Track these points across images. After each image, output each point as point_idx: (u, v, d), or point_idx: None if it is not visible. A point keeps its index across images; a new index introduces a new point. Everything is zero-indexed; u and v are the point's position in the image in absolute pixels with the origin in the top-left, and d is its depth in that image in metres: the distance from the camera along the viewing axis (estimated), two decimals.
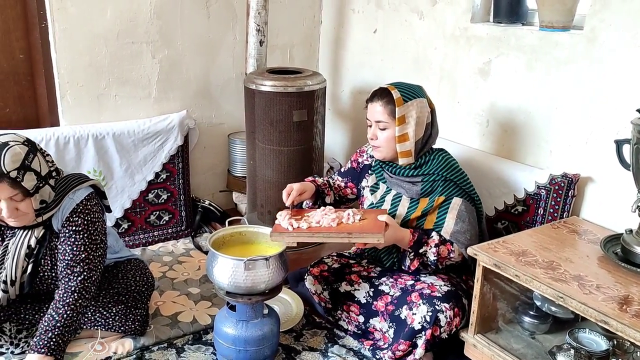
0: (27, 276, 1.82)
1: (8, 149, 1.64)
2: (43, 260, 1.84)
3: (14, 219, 1.70)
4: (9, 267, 1.79)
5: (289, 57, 3.22)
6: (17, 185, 1.63)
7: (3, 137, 1.69)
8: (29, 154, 1.68)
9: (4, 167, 1.61)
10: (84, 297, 1.80)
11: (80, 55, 2.57)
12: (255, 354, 1.90)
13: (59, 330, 1.73)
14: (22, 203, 1.68)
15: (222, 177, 3.21)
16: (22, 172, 1.64)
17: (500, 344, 1.84)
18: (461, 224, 1.95)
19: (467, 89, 2.47)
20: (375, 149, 2.09)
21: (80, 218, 1.81)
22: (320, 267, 2.23)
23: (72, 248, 1.79)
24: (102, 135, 2.61)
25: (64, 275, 1.79)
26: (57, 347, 1.72)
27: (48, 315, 1.74)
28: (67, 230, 1.80)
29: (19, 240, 1.79)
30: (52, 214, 1.79)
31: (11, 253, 1.79)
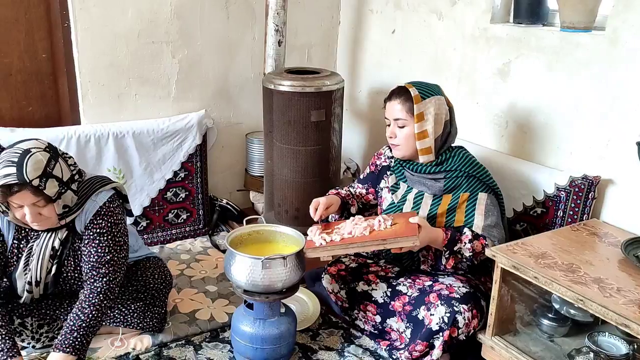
0: (51, 277, 1.85)
1: (30, 156, 1.65)
2: (66, 261, 1.86)
3: (37, 224, 1.72)
4: (34, 269, 1.81)
5: (307, 58, 3.23)
6: (39, 193, 1.65)
7: (25, 143, 1.71)
8: (51, 161, 1.70)
9: (27, 175, 1.62)
10: (108, 297, 1.82)
11: (101, 54, 2.60)
12: (272, 352, 1.91)
13: (83, 330, 1.75)
14: (45, 208, 1.70)
15: (239, 177, 3.23)
16: (44, 180, 1.66)
17: (519, 346, 1.83)
18: (490, 218, 1.96)
19: (486, 90, 2.46)
20: (394, 148, 2.09)
21: (104, 220, 1.83)
22: (338, 266, 2.23)
23: (96, 250, 1.82)
24: (122, 133, 2.64)
25: (89, 277, 1.81)
26: (81, 346, 1.75)
27: (73, 315, 1.76)
28: (91, 233, 1.82)
29: (43, 242, 1.81)
30: (75, 216, 1.82)
31: (36, 254, 1.81)
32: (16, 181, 1.61)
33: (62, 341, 1.73)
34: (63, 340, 1.73)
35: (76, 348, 1.73)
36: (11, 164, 1.63)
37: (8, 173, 1.61)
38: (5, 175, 1.61)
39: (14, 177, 1.61)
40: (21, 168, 1.62)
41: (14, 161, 1.63)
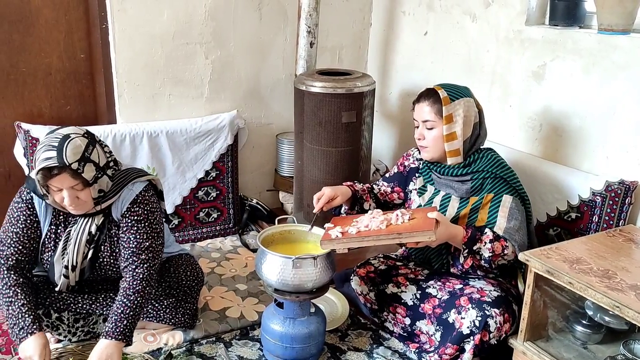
0: (88, 262, 1.90)
1: (69, 141, 1.71)
2: (103, 246, 1.91)
3: (74, 207, 1.77)
4: (71, 253, 1.87)
5: (337, 59, 3.24)
6: (77, 176, 1.71)
7: (64, 129, 1.77)
8: (89, 146, 1.75)
9: (66, 158, 1.68)
10: (150, 284, 1.87)
11: (137, 55, 2.66)
12: (301, 352, 1.92)
13: (131, 317, 1.80)
14: (82, 192, 1.76)
15: (269, 177, 3.26)
16: (83, 164, 1.72)
17: (551, 352, 1.81)
18: (514, 221, 1.93)
19: (519, 93, 2.43)
20: (422, 149, 2.09)
21: (141, 208, 1.88)
22: (367, 268, 2.24)
23: (135, 237, 1.87)
24: (156, 133, 2.69)
25: (130, 263, 1.86)
26: (130, 333, 1.80)
27: (119, 303, 1.81)
28: (128, 220, 1.87)
29: (81, 227, 1.87)
30: (111, 203, 1.87)
31: (73, 239, 1.87)
32: (56, 164, 1.67)
33: (112, 329, 1.77)
34: (113, 328, 1.77)
35: (125, 335, 1.78)
36: (52, 148, 1.69)
37: (49, 156, 1.67)
38: (47, 159, 1.67)
39: (55, 161, 1.67)
40: (61, 152, 1.68)
41: (54, 145, 1.69)
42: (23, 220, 1.85)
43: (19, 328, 1.75)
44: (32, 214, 1.86)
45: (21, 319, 1.75)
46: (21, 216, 1.85)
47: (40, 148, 1.71)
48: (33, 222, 1.86)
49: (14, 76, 2.57)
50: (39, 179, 1.71)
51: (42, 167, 1.67)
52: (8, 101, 2.59)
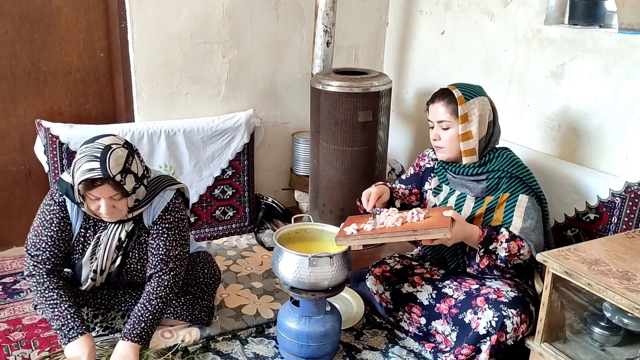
0: (116, 267, 1.92)
1: (112, 152, 1.72)
2: (131, 252, 1.93)
3: (109, 216, 1.79)
4: (100, 258, 1.89)
5: (354, 59, 3.24)
6: (118, 187, 1.73)
7: (105, 139, 1.78)
8: (129, 157, 1.77)
9: (110, 170, 1.70)
10: (173, 291, 1.90)
11: (155, 54, 2.68)
12: (317, 350, 1.93)
13: (150, 322, 1.83)
14: (120, 202, 1.77)
15: (284, 176, 3.27)
16: (124, 175, 1.73)
17: (568, 353, 1.79)
18: (530, 221, 1.92)
19: (538, 93, 2.41)
20: (438, 150, 2.08)
21: (172, 216, 1.91)
22: (382, 267, 2.23)
23: (165, 244, 1.89)
24: (174, 131, 2.71)
25: (157, 270, 1.88)
26: (147, 336, 1.83)
27: (141, 307, 1.83)
28: (159, 227, 1.89)
29: (111, 233, 1.89)
30: (142, 210, 1.89)
31: (103, 244, 1.88)
32: (100, 176, 1.68)
33: (130, 332, 1.80)
34: (131, 330, 1.80)
35: (143, 338, 1.81)
36: (94, 159, 1.70)
37: (92, 167, 1.69)
38: (90, 170, 1.69)
39: (99, 172, 1.68)
40: (104, 163, 1.69)
41: (97, 156, 1.70)
42: (57, 223, 1.86)
43: (69, 328, 1.77)
44: (65, 217, 1.86)
45: (70, 319, 1.78)
46: (54, 219, 1.86)
47: (82, 157, 1.72)
48: (66, 225, 1.87)
49: (35, 75, 2.61)
50: (79, 188, 1.72)
51: (86, 178, 1.68)
52: (29, 99, 2.63)
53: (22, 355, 1.97)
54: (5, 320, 2.16)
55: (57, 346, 2.00)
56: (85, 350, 1.75)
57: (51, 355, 1.88)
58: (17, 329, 2.11)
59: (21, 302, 2.29)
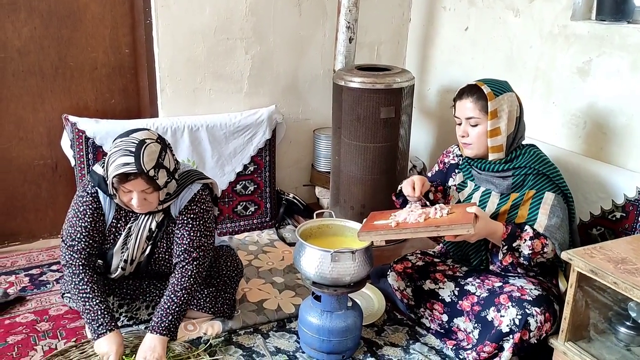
0: (145, 257, 1.96)
1: (146, 147, 1.76)
2: (160, 242, 1.97)
3: (141, 208, 1.83)
4: (132, 248, 1.93)
5: (376, 55, 3.23)
6: (151, 181, 1.76)
7: (139, 133, 1.81)
8: (162, 152, 1.81)
9: (144, 165, 1.73)
10: (197, 281, 1.92)
11: (179, 50, 2.70)
12: (338, 345, 1.94)
13: (177, 314, 1.86)
14: (151, 195, 1.81)
15: (305, 172, 3.28)
16: (157, 170, 1.77)
17: (593, 353, 1.77)
18: (555, 219, 1.90)
19: (563, 90, 2.38)
20: (466, 147, 2.06)
21: (197, 206, 1.93)
22: (404, 264, 2.23)
23: (189, 234, 1.92)
24: (197, 127, 2.74)
25: (181, 260, 1.91)
26: (175, 328, 1.87)
27: (167, 299, 1.86)
28: (185, 218, 1.92)
29: (142, 223, 1.93)
30: (172, 202, 1.92)
31: (134, 235, 1.92)
32: (135, 170, 1.72)
33: (158, 324, 1.83)
34: (159, 323, 1.83)
35: (170, 330, 1.84)
36: (129, 153, 1.73)
37: (127, 162, 1.72)
38: (124, 164, 1.72)
39: (133, 167, 1.72)
40: (139, 158, 1.73)
41: (131, 151, 1.74)
42: (90, 214, 1.89)
43: (98, 324, 1.80)
44: (98, 207, 1.91)
45: (100, 315, 1.82)
46: (88, 210, 1.89)
47: (116, 151, 1.76)
48: (99, 215, 1.91)
49: (62, 70, 2.65)
50: (114, 182, 1.76)
51: (121, 172, 1.72)
52: (56, 94, 2.67)
53: (49, 345, 2.01)
54: (32, 310, 2.21)
55: (82, 337, 2.04)
56: (114, 348, 1.78)
57: (77, 345, 1.91)
58: (44, 320, 2.15)
59: (47, 294, 2.33)
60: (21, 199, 2.75)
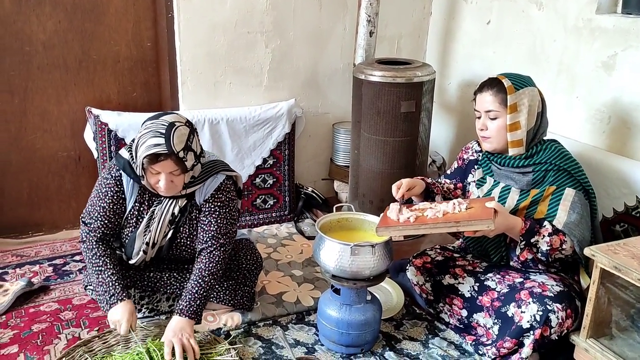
0: (167, 241, 1.99)
1: (175, 129, 1.79)
2: (182, 227, 2.00)
3: (167, 190, 1.87)
4: (154, 231, 1.96)
5: (396, 49, 3.21)
6: (180, 163, 1.80)
7: (168, 116, 1.85)
8: (190, 135, 1.84)
9: (174, 146, 1.77)
10: (222, 267, 1.96)
11: (200, 44, 2.72)
12: (357, 338, 1.94)
13: (204, 298, 1.90)
14: (178, 177, 1.85)
15: (324, 166, 3.28)
16: (186, 152, 1.81)
17: (615, 350, 1.75)
18: (575, 215, 1.88)
19: (587, 84, 2.35)
20: (484, 140, 2.05)
21: (224, 195, 1.97)
22: (423, 258, 2.23)
23: (217, 221, 1.95)
24: (217, 120, 2.75)
25: (208, 246, 1.95)
26: (200, 312, 1.91)
27: (194, 283, 1.90)
28: (212, 205, 1.96)
29: (165, 207, 1.96)
30: (196, 189, 1.96)
31: (157, 218, 1.96)
32: (165, 151, 1.76)
33: (186, 308, 1.86)
34: (187, 307, 1.87)
35: (197, 314, 1.89)
36: (159, 134, 1.77)
37: (158, 143, 1.76)
38: (155, 145, 1.76)
39: (164, 148, 1.76)
40: (169, 139, 1.76)
41: (162, 132, 1.77)
42: (110, 196, 1.94)
43: (110, 295, 1.86)
44: (119, 191, 1.95)
45: (112, 286, 1.87)
46: (109, 192, 1.95)
47: (146, 133, 1.79)
48: (119, 199, 1.96)
49: (86, 63, 2.69)
50: (144, 162, 1.79)
51: (152, 152, 1.76)
52: (80, 87, 2.71)
53: (72, 333, 2.04)
54: (56, 299, 2.25)
55: (105, 326, 2.07)
56: (125, 315, 1.83)
57: (100, 336, 1.94)
58: (68, 309, 2.19)
59: (71, 283, 2.37)
60: (45, 190, 2.80)
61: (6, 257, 2.56)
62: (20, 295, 2.21)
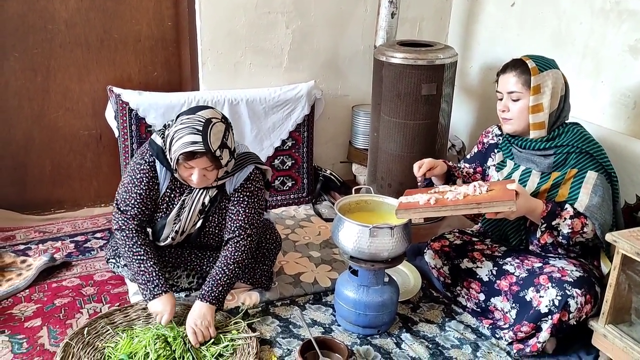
0: (196, 230, 2.01)
1: (212, 126, 1.79)
2: (211, 217, 2.01)
3: (198, 184, 1.88)
4: (184, 220, 1.98)
5: (417, 31, 3.18)
6: (215, 160, 1.80)
7: (205, 112, 1.83)
8: (226, 132, 1.84)
9: (211, 144, 1.77)
10: (248, 256, 1.98)
11: (221, 24, 2.71)
12: (374, 319, 1.95)
13: (227, 285, 1.93)
14: (212, 172, 1.85)
15: (343, 148, 3.28)
16: (222, 149, 1.80)
17: (634, 337, 1.74)
18: (596, 198, 1.85)
19: (613, 68, 2.31)
20: (505, 122, 2.02)
21: (252, 185, 1.98)
22: (442, 242, 2.22)
23: (245, 210, 1.96)
24: (237, 101, 2.75)
25: (236, 235, 1.96)
26: (223, 298, 1.93)
27: (219, 270, 1.92)
28: (240, 195, 1.97)
29: (196, 197, 1.97)
30: (226, 180, 1.97)
31: (187, 207, 1.97)
32: (202, 150, 1.76)
33: (208, 293, 1.89)
34: (210, 292, 1.89)
35: (219, 300, 1.91)
36: (196, 132, 1.76)
37: (195, 140, 1.76)
38: (193, 143, 1.76)
39: (201, 146, 1.75)
40: (206, 138, 1.76)
41: (199, 130, 1.77)
42: (146, 182, 1.94)
43: (154, 285, 1.87)
44: (154, 176, 1.95)
45: (155, 277, 1.88)
46: (144, 178, 1.94)
47: (182, 129, 1.78)
48: (154, 185, 1.95)
49: (107, 42, 2.70)
50: (179, 158, 1.79)
51: (189, 150, 1.76)
52: (101, 66, 2.73)
53: (94, 308, 2.08)
54: (78, 275, 2.29)
55: (126, 302, 2.11)
56: (168, 308, 1.85)
57: (121, 309, 1.98)
58: (89, 284, 2.23)
59: (92, 260, 2.41)
60: (67, 168, 2.84)
61: (29, 233, 2.61)
62: (43, 270, 2.26)
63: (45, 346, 1.88)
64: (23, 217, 2.73)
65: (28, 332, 1.94)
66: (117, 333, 1.87)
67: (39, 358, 1.83)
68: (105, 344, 1.83)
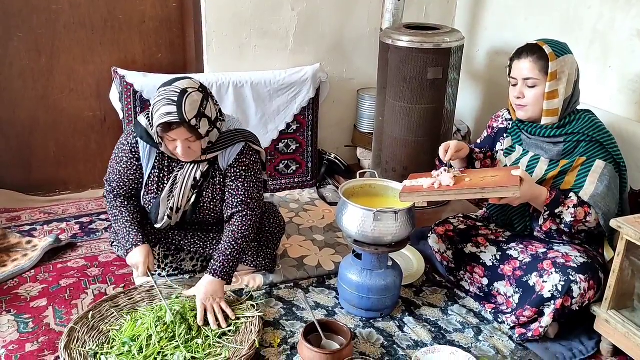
0: (190, 205, 2.01)
1: (187, 96, 1.78)
2: (205, 192, 2.01)
3: (185, 156, 1.88)
4: (177, 196, 1.98)
5: (424, 14, 3.15)
6: (193, 130, 1.80)
7: (181, 82, 1.83)
8: (204, 101, 1.82)
9: (186, 115, 1.76)
10: (254, 231, 1.99)
11: (226, 5, 2.69)
12: (377, 302, 1.96)
13: (236, 260, 1.94)
14: (195, 143, 1.85)
15: (348, 132, 3.27)
16: (199, 119, 1.80)
17: (636, 322, 1.75)
18: (602, 187, 1.84)
19: (622, 53, 2.28)
20: (520, 109, 1.99)
21: (247, 158, 1.98)
22: (446, 226, 2.22)
23: (244, 185, 1.97)
24: (242, 83, 2.74)
25: (239, 210, 1.97)
26: (232, 273, 1.95)
27: (227, 245, 1.93)
28: (237, 170, 1.97)
29: (187, 172, 1.97)
30: (218, 154, 1.96)
31: (179, 183, 1.98)
32: (177, 119, 1.75)
33: (219, 269, 1.90)
34: (220, 268, 1.90)
35: (229, 275, 1.93)
36: (171, 102, 1.76)
37: (169, 111, 1.76)
38: (167, 114, 1.76)
39: (175, 116, 1.75)
40: (181, 108, 1.75)
41: (173, 100, 1.76)
42: (125, 162, 1.98)
43: (126, 241, 1.94)
44: (133, 157, 1.98)
45: (127, 233, 1.95)
46: (124, 158, 1.99)
47: (159, 101, 1.78)
48: (133, 165, 1.99)
49: (111, 23, 2.69)
50: (158, 131, 1.81)
51: (163, 121, 1.76)
52: (105, 47, 2.71)
53: (99, 289, 2.10)
54: (83, 256, 2.31)
55: (131, 284, 2.12)
56: (141, 258, 1.91)
57: (126, 292, 1.99)
58: (94, 266, 2.24)
59: (97, 241, 2.42)
60: (71, 149, 2.84)
61: (34, 214, 2.62)
62: (49, 251, 2.27)
63: (51, 326, 1.90)
64: (28, 198, 2.75)
65: (34, 312, 1.96)
66: (121, 316, 1.88)
67: (45, 337, 1.85)
68: (110, 327, 1.84)
